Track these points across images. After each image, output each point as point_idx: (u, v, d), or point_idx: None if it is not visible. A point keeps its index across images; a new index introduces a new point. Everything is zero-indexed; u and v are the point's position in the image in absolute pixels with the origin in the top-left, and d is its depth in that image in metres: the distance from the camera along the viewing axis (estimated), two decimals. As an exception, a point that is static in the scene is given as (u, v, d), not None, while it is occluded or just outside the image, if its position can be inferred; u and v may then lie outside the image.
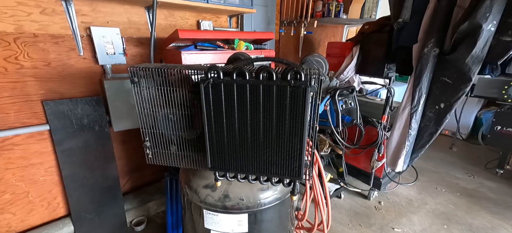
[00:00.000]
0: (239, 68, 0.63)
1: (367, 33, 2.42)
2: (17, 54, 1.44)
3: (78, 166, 1.63)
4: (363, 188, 2.46)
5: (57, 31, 1.53)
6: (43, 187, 1.66)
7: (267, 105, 0.65)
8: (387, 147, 1.99)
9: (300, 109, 0.63)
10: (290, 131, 0.66)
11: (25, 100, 1.50)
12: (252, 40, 2.03)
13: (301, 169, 0.70)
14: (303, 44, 3.12)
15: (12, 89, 1.46)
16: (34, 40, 1.47)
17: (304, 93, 0.61)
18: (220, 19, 2.30)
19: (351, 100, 2.11)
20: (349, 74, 2.38)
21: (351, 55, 2.38)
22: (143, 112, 0.77)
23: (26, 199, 1.61)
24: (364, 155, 2.39)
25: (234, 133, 0.71)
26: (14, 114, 1.48)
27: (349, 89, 2.12)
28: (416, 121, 1.80)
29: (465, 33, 1.49)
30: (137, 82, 0.73)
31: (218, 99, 0.67)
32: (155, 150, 0.81)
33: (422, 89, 1.75)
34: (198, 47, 1.60)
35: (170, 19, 1.97)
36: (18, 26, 1.41)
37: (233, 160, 0.75)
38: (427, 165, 3.06)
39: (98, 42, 1.63)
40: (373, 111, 2.39)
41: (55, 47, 1.54)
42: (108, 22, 1.70)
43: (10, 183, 1.54)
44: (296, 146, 0.68)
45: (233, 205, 0.83)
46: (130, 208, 1.94)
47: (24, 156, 1.56)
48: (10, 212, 1.57)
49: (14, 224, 1.60)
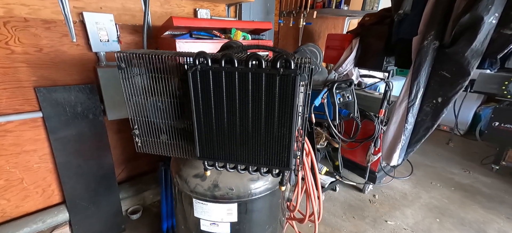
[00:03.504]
0: (228, 55, 0.61)
1: (367, 25, 2.38)
2: (7, 39, 1.40)
3: (72, 154, 1.62)
4: (358, 181, 2.47)
5: (48, 16, 1.50)
6: (38, 174, 1.65)
7: (256, 94, 0.64)
8: (383, 140, 1.98)
9: (289, 98, 0.62)
10: (279, 121, 0.65)
11: (16, 86, 1.48)
12: (250, 30, 2.00)
13: (290, 159, 0.69)
14: (302, 36, 3.07)
15: (3, 74, 1.43)
16: (25, 24, 1.44)
17: (293, 82, 0.60)
18: (218, 8, 2.25)
19: (349, 93, 2.09)
20: (348, 67, 2.35)
21: (351, 48, 2.35)
22: (130, 99, 0.76)
23: (20, 186, 1.61)
24: (360, 149, 2.39)
25: (222, 121, 0.69)
26: (6, 101, 1.46)
27: (347, 83, 2.10)
28: (413, 115, 1.79)
29: (465, 25, 1.46)
30: (124, 68, 0.71)
31: (206, 87, 0.65)
32: (144, 138, 0.80)
33: (420, 83, 1.73)
34: (194, 36, 1.57)
35: (166, 6, 1.92)
36: (7, 10, 1.37)
37: (222, 150, 0.74)
38: (423, 159, 3.07)
39: (91, 28, 1.59)
40: (371, 105, 2.37)
41: (47, 32, 1.51)
42: (102, 8, 1.66)
43: (4, 169, 1.54)
44: (285, 136, 0.66)
45: (222, 194, 0.82)
46: (126, 197, 1.95)
47: (17, 143, 1.55)
48: (4, 198, 1.57)
49: (9, 210, 1.61)
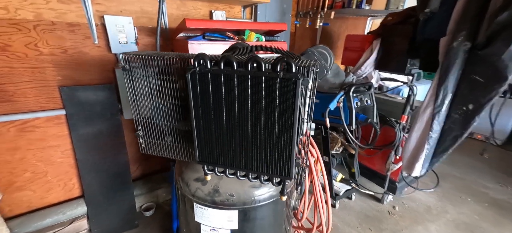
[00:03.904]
0: (227, 57, 0.59)
1: (389, 25, 2.24)
2: (36, 41, 1.51)
3: (91, 151, 1.70)
4: (376, 190, 2.33)
5: (73, 20, 1.59)
6: (60, 168, 1.76)
7: (255, 98, 0.61)
8: (405, 149, 1.85)
9: (290, 103, 0.58)
10: (280, 127, 0.61)
11: (43, 85, 1.58)
12: (264, 31, 1.97)
13: (291, 168, 0.65)
14: (320, 37, 2.98)
15: (32, 74, 1.54)
16: (52, 27, 1.53)
17: (294, 86, 0.56)
18: (234, 9, 2.25)
19: (368, 97, 1.98)
20: (367, 70, 2.23)
21: (371, 49, 2.23)
22: (135, 100, 0.76)
23: (45, 179, 1.72)
24: (379, 156, 2.26)
25: (222, 126, 0.67)
26: (34, 99, 1.57)
27: (366, 86, 2.00)
28: (439, 123, 1.65)
29: (504, 24, 1.30)
30: (128, 69, 0.72)
31: (206, 89, 0.64)
32: (148, 139, 0.81)
33: (448, 87, 1.59)
34: (207, 37, 1.57)
35: (183, 8, 1.96)
36: (37, 14, 1.47)
37: (221, 155, 0.72)
38: (452, 170, 2.83)
39: (111, 31, 1.66)
40: (393, 110, 2.23)
41: (71, 35, 1.60)
42: (122, 11, 1.73)
43: (31, 162, 1.65)
44: (286, 143, 0.62)
45: (222, 200, 0.80)
46: (140, 194, 2.01)
47: (43, 138, 1.66)
48: (31, 189, 1.69)
49: (35, 201, 1.72)
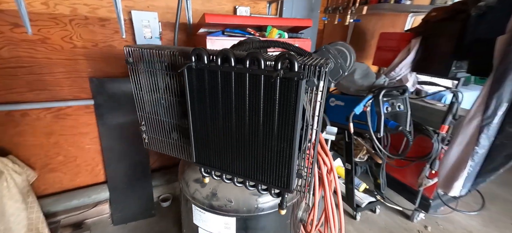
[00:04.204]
0: (224, 52, 0.54)
1: (433, 21, 1.99)
2: (71, 35, 1.62)
3: (115, 140, 1.79)
4: (405, 206, 2.10)
5: (104, 15, 1.67)
6: (88, 154, 1.88)
7: (253, 99, 0.54)
8: (442, 163, 1.62)
9: (291, 106, 0.50)
10: (279, 133, 0.54)
11: (76, 76, 1.69)
12: (288, 28, 1.88)
13: (291, 179, 0.57)
14: (352, 35, 2.78)
15: (66, 65, 1.66)
16: (85, 22, 1.63)
17: (296, 87, 0.48)
18: (259, 5, 2.19)
19: (401, 102, 1.78)
20: (402, 72, 2.01)
21: (408, 49, 2.00)
22: (139, 94, 0.75)
23: (74, 163, 1.86)
24: (411, 169, 2.02)
25: (218, 126, 0.62)
26: (68, 88, 1.70)
27: (400, 90, 1.80)
28: (488, 137, 1.40)
29: None
30: (132, 62, 0.70)
31: (202, 86, 0.59)
32: (151, 135, 0.79)
33: (502, 96, 1.34)
34: (226, 33, 1.54)
35: (207, 4, 1.95)
36: (73, 9, 1.58)
37: (218, 158, 0.66)
38: (503, 192, 2.44)
39: (137, 25, 1.72)
40: (431, 118, 1.98)
41: (102, 29, 1.69)
42: (148, 7, 1.78)
43: (63, 147, 1.79)
44: (285, 151, 0.55)
45: (220, 205, 0.75)
46: (158, 185, 2.07)
47: (74, 125, 1.78)
48: (62, 171, 1.83)
49: (65, 182, 1.87)
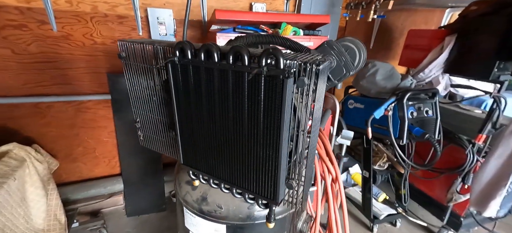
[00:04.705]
0: (207, 47, 0.49)
1: (472, 16, 1.76)
2: (92, 31, 1.69)
3: (129, 134, 1.85)
4: (431, 221, 1.89)
5: (122, 12, 1.72)
6: (106, 147, 1.97)
7: (237, 99, 0.48)
8: (477, 178, 1.43)
9: (276, 108, 0.44)
10: (265, 138, 0.48)
11: (95, 71, 1.77)
12: (305, 24, 1.78)
13: (278, 190, 0.51)
14: (377, 33, 2.58)
15: (88, 61, 1.73)
16: (105, 19, 1.69)
17: (282, 87, 0.41)
18: (276, 1, 2.12)
19: (429, 107, 1.60)
20: (433, 73, 1.81)
21: (441, 48, 1.79)
22: (132, 90, 0.73)
23: (93, 154, 1.95)
24: (439, 181, 1.82)
25: (204, 128, 0.57)
26: (88, 83, 1.78)
27: (429, 93, 1.62)
28: (535, 151, 1.20)
29: None
30: (125, 57, 0.68)
31: (186, 83, 0.55)
32: (145, 132, 0.77)
33: (556, 104, 1.13)
34: (237, 30, 1.50)
35: (222, 1, 1.93)
36: (93, 7, 1.64)
37: (205, 161, 0.62)
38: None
39: (153, 23, 1.75)
40: (466, 126, 1.76)
41: (120, 26, 1.74)
42: (165, 4, 1.80)
43: (83, 138, 1.89)
44: (271, 159, 0.48)
45: (210, 210, 0.71)
46: (170, 180, 2.10)
47: (94, 119, 1.87)
48: (82, 162, 1.94)
49: (85, 172, 1.98)
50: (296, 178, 0.53)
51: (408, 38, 2.09)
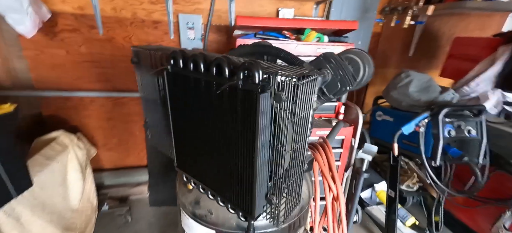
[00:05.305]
0: (193, 57, 0.50)
1: (536, 24, 1.48)
2: (130, 35, 1.86)
3: (157, 130, 1.99)
4: (471, 259, 1.64)
5: (157, 18, 1.86)
6: (137, 140, 2.15)
7: (218, 110, 0.49)
8: (529, 216, 1.19)
9: (251, 124, 0.42)
10: (241, 151, 0.47)
11: (131, 71, 1.94)
12: (332, 31, 1.71)
13: (253, 205, 0.49)
14: (419, 39, 2.34)
15: (125, 62, 1.92)
16: (142, 24, 1.85)
17: (256, 101, 0.40)
18: (304, 6, 2.07)
19: (472, 126, 1.40)
20: (480, 88, 1.57)
21: (493, 59, 1.56)
22: (144, 93, 0.79)
23: (126, 146, 2.15)
24: (483, 211, 1.57)
25: (192, 134, 0.59)
26: (124, 81, 1.96)
27: (474, 110, 1.42)
28: None
29: None
30: (137, 62, 0.74)
31: (178, 90, 0.57)
32: (154, 133, 0.83)
33: None
34: (258, 35, 1.50)
35: (249, 6, 1.96)
36: (133, 13, 1.81)
37: (194, 166, 0.63)
38: None
39: (183, 27, 1.86)
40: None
41: (154, 31, 1.89)
42: (195, 10, 1.90)
43: (118, 131, 2.09)
44: (247, 172, 0.47)
45: (201, 215, 0.72)
46: (191, 177, 2.20)
47: (128, 113, 2.06)
48: (116, 151, 2.15)
49: (117, 161, 2.19)
50: (277, 193, 0.51)
51: (453, 46, 1.86)
